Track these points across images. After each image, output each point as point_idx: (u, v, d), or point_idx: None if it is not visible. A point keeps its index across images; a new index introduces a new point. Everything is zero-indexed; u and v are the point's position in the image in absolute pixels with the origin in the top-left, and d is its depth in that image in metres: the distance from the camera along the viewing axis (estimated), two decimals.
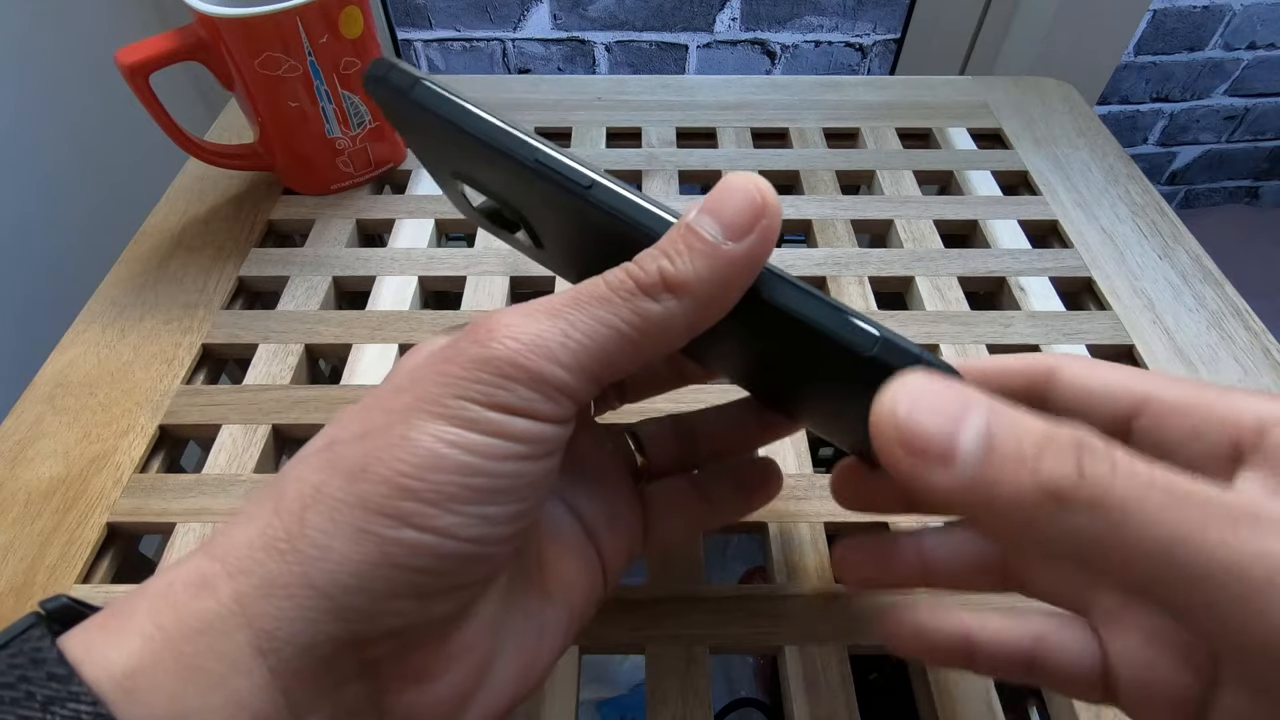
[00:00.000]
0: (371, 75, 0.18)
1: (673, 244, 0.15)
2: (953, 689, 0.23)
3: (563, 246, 0.20)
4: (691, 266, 0.15)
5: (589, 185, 0.16)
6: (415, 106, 0.17)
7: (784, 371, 0.18)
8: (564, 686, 0.23)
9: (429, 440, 0.14)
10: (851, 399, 0.16)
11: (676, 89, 0.50)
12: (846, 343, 0.15)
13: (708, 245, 0.15)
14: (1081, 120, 0.48)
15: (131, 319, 0.35)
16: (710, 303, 0.15)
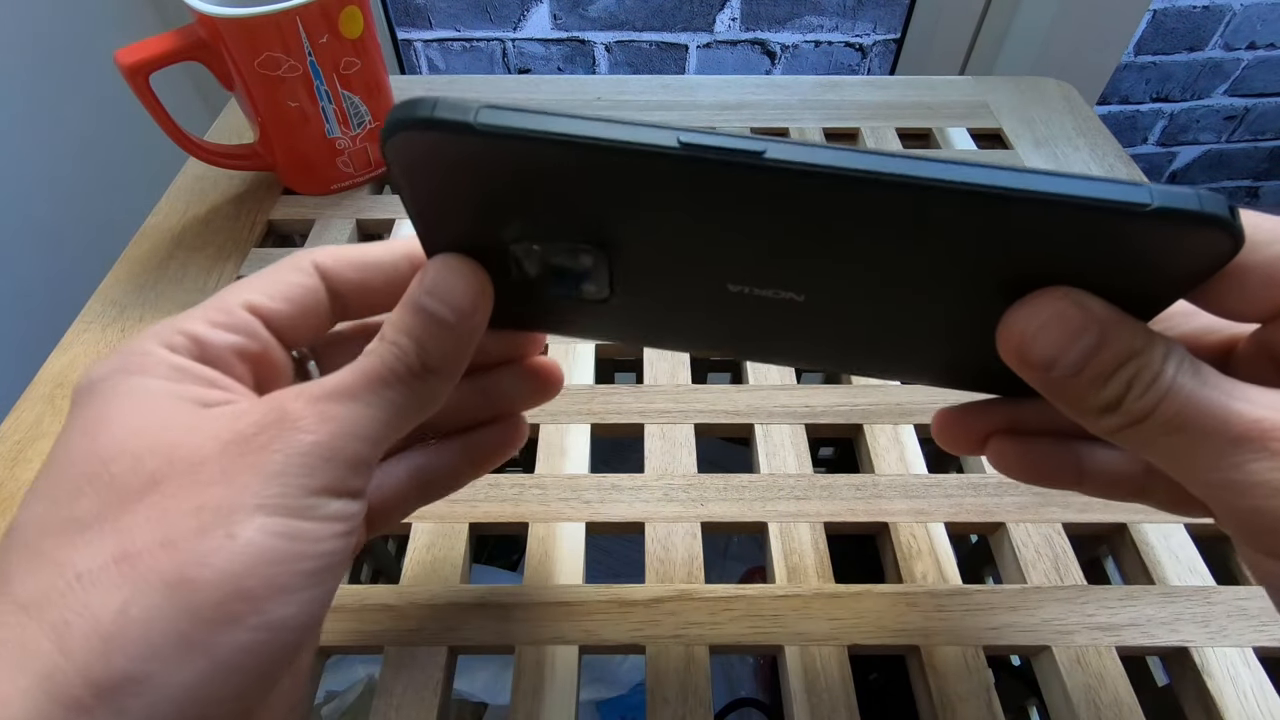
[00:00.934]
0: (401, 120, 0.14)
1: (417, 331, 0.16)
2: (953, 689, 0.23)
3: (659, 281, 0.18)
4: (440, 351, 0.17)
5: (762, 150, 0.13)
6: (480, 143, 0.14)
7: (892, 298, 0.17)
8: (564, 686, 0.23)
9: (258, 535, 0.14)
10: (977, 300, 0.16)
11: (676, 89, 0.50)
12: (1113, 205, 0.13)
13: (446, 329, 0.16)
14: (1081, 120, 0.48)
15: (131, 319, 0.35)
16: (458, 371, 0.17)
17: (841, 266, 0.16)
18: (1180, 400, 0.14)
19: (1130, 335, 0.14)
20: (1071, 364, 0.15)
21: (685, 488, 0.28)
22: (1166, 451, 0.15)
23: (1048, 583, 0.26)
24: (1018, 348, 0.15)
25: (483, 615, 0.25)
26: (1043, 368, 0.15)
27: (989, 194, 0.13)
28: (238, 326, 0.17)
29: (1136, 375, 0.14)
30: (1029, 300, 0.15)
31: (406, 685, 0.23)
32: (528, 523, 0.27)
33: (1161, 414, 0.14)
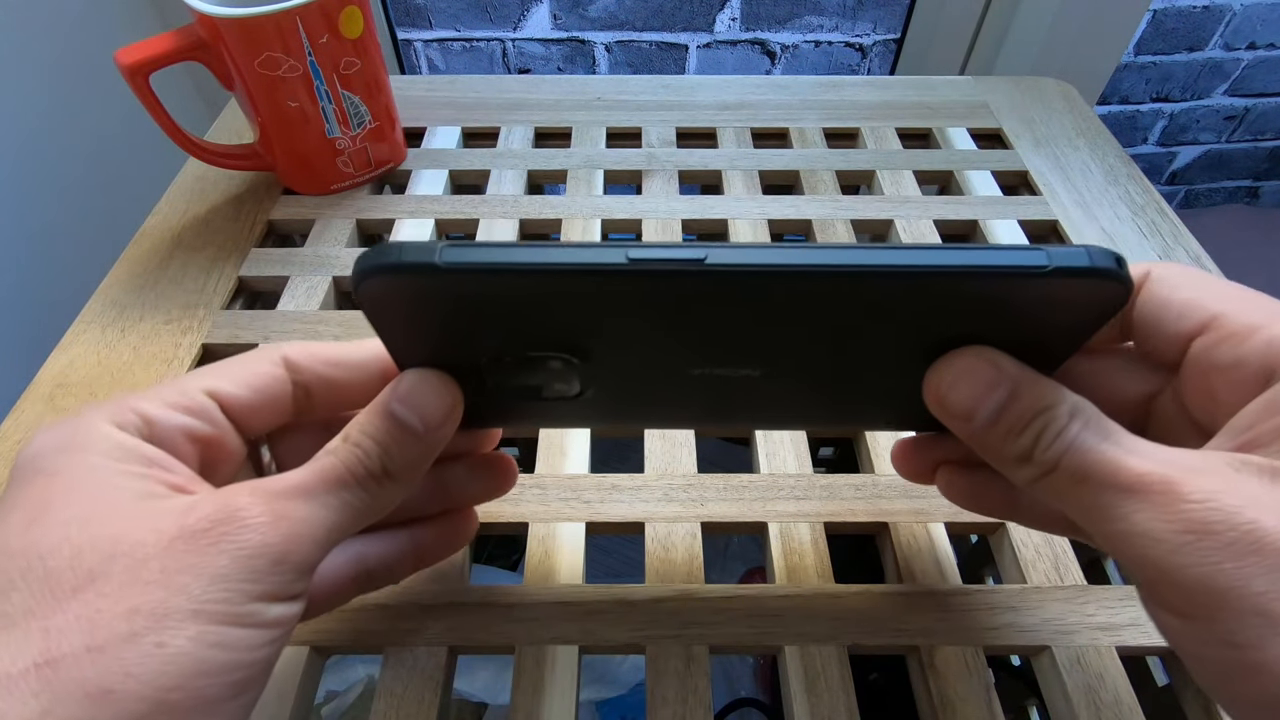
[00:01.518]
0: (372, 267, 0.15)
1: (384, 436, 0.17)
2: (953, 689, 0.23)
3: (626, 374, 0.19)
4: (403, 458, 0.17)
5: (702, 257, 0.15)
6: (446, 279, 0.15)
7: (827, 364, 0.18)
8: (564, 686, 0.23)
9: (190, 646, 0.13)
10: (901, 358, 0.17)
11: (676, 89, 0.50)
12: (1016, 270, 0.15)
13: (413, 438, 0.17)
14: (1081, 120, 0.48)
15: (131, 319, 0.35)
16: (416, 479, 0.18)
17: (788, 345, 0.17)
18: (1081, 453, 0.15)
19: (1040, 391, 0.16)
20: (987, 415, 0.16)
21: (685, 488, 0.28)
22: (1075, 504, 0.15)
23: (1048, 583, 0.26)
24: (938, 401, 0.17)
25: (483, 615, 0.25)
26: (962, 418, 0.16)
27: (906, 274, 0.15)
28: (193, 409, 0.17)
29: (1044, 428, 0.15)
30: (948, 357, 0.17)
31: (406, 685, 0.23)
32: (528, 523, 0.27)
33: (1065, 466, 0.15)
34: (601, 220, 0.40)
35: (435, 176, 0.43)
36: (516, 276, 0.15)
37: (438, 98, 0.49)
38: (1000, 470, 0.17)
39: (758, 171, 0.43)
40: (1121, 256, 0.15)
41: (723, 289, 0.15)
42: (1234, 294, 0.17)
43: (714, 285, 0.15)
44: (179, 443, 0.17)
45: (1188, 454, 0.15)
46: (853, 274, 0.15)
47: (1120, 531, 0.14)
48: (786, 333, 0.17)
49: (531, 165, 0.44)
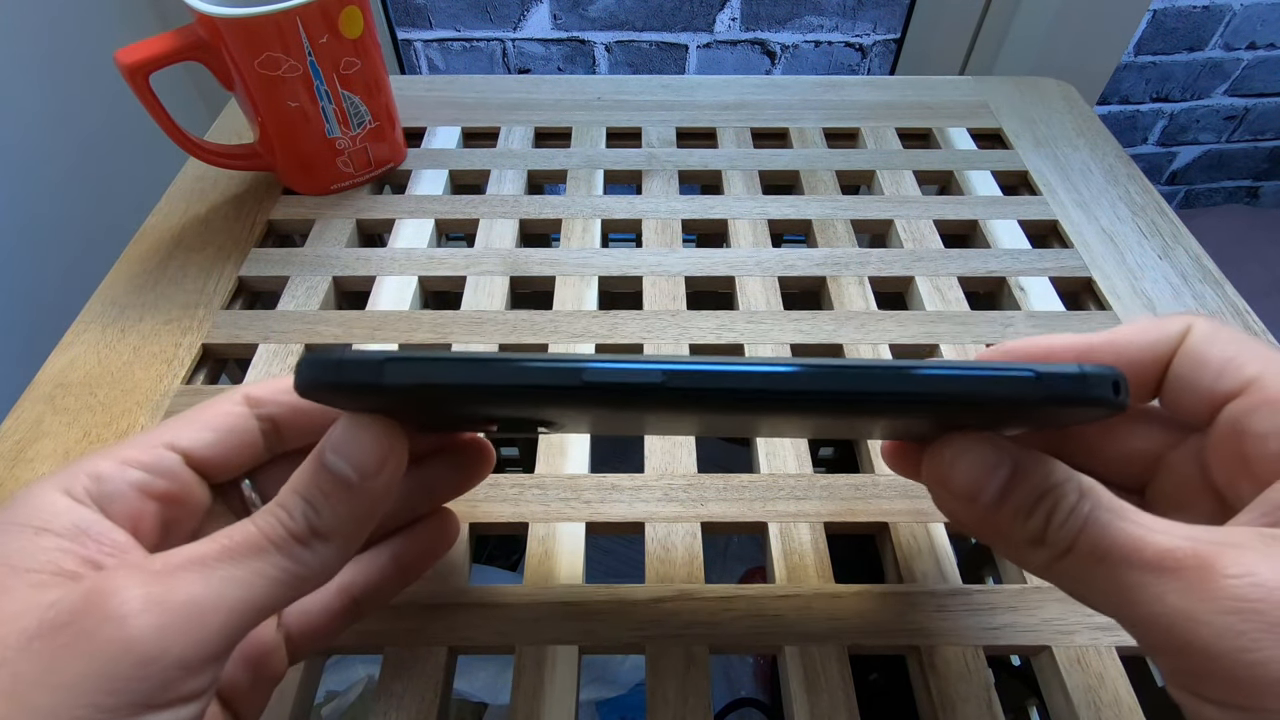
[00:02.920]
0: (312, 381, 0.14)
1: (312, 490, 0.15)
2: (953, 689, 0.23)
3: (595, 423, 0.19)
4: (335, 514, 0.15)
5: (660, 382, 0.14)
6: (390, 395, 0.14)
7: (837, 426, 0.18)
8: (564, 686, 0.23)
9: None
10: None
11: (676, 89, 0.50)
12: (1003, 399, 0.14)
13: (346, 489, 0.15)
14: (1081, 120, 0.48)
15: (131, 319, 0.35)
16: (359, 535, 0.16)
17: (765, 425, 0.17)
18: (1098, 529, 0.14)
19: (1045, 469, 0.15)
20: (993, 495, 0.15)
21: (685, 488, 0.28)
22: (1097, 587, 0.15)
23: (1047, 583, 0.26)
24: (940, 481, 0.16)
25: (483, 615, 0.25)
26: (966, 498, 0.16)
27: (875, 399, 0.14)
28: (148, 464, 0.16)
29: (1055, 507, 0.15)
30: (948, 439, 0.16)
31: (406, 685, 0.23)
32: (528, 523, 0.27)
33: (1082, 545, 0.14)
34: (601, 220, 0.40)
35: (435, 176, 0.43)
36: (464, 390, 0.14)
37: (438, 98, 0.49)
38: (1013, 561, 0.16)
39: (758, 171, 0.43)
40: (1121, 379, 0.14)
41: (686, 402, 0.14)
42: (1276, 357, 0.16)
43: (676, 400, 0.14)
44: (131, 500, 0.16)
45: (1211, 530, 0.14)
46: (816, 397, 0.14)
47: (1153, 615, 0.13)
48: (759, 421, 0.16)
49: (531, 165, 0.44)
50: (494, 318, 0.35)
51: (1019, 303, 0.36)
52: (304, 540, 0.15)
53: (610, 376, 0.14)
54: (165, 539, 0.17)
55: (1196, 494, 0.17)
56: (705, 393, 0.14)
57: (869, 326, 0.34)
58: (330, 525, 0.15)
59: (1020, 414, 0.15)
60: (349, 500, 0.15)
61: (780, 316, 0.35)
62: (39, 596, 0.13)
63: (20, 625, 0.13)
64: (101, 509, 0.16)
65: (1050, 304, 0.36)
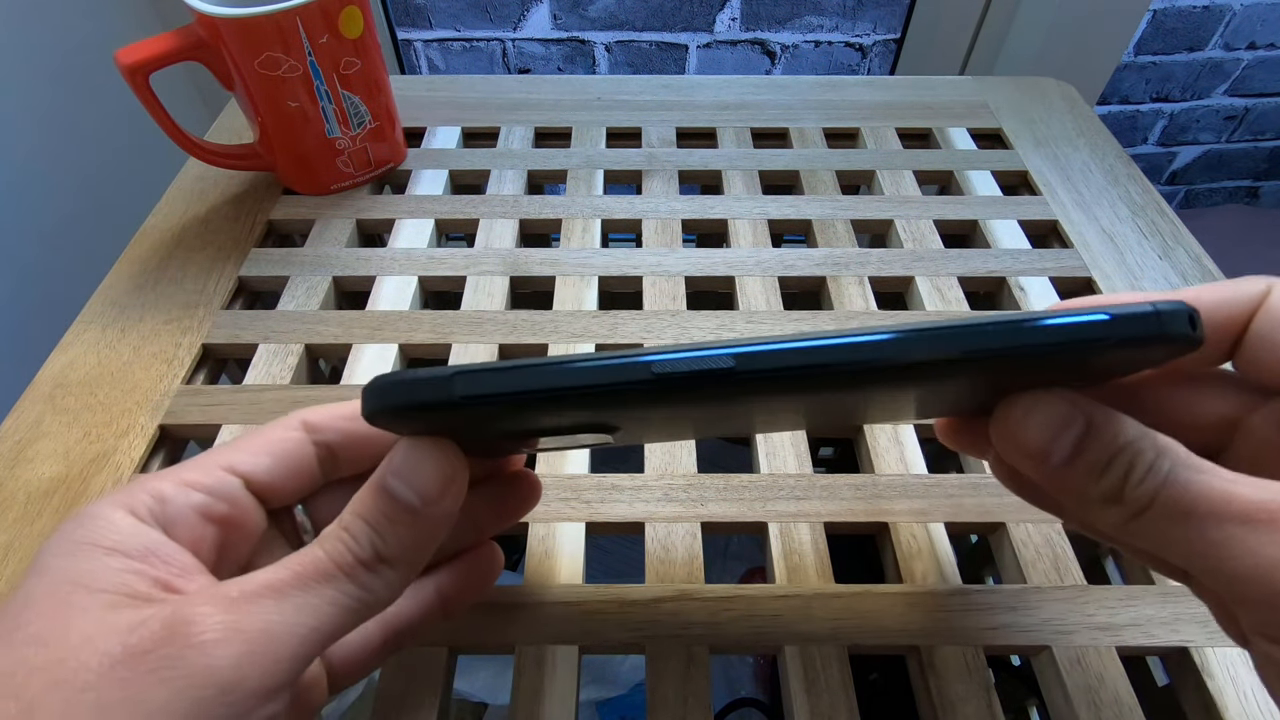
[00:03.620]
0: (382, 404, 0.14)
1: (376, 516, 0.15)
2: (953, 689, 0.23)
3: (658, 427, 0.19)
4: (398, 540, 0.15)
5: (731, 367, 0.14)
6: (461, 411, 0.14)
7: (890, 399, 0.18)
8: (564, 686, 0.23)
9: None
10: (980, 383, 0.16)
11: (676, 89, 0.50)
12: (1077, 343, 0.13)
13: (410, 515, 0.15)
14: (1081, 120, 0.48)
15: (131, 319, 0.35)
16: (420, 561, 0.16)
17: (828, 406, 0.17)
18: (1180, 486, 0.14)
19: (1120, 426, 0.15)
20: (1065, 451, 0.15)
21: (685, 488, 0.28)
22: (1178, 544, 0.14)
23: (1048, 583, 0.26)
24: (1012, 438, 0.15)
25: (483, 615, 0.25)
26: (1039, 457, 0.15)
27: (949, 361, 0.13)
28: (209, 487, 0.16)
29: (1133, 463, 0.14)
30: (1017, 397, 0.15)
31: (406, 685, 0.23)
32: (528, 523, 0.27)
33: (1163, 502, 0.14)
34: (601, 220, 0.40)
35: (435, 176, 0.43)
36: (535, 397, 0.14)
37: (438, 98, 0.49)
38: (1081, 518, 0.16)
39: (758, 171, 0.43)
40: (1195, 314, 0.13)
41: (757, 386, 0.14)
42: None
43: (747, 385, 0.14)
44: (193, 523, 0.16)
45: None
46: (888, 365, 0.14)
47: (1247, 568, 0.13)
48: (826, 401, 0.16)
49: (531, 165, 0.44)
50: (494, 318, 0.35)
51: (1019, 303, 0.36)
52: (371, 566, 0.15)
53: (681, 367, 0.14)
54: (220, 563, 0.17)
55: (1277, 462, 0.16)
56: (779, 374, 0.14)
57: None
58: (394, 551, 0.15)
59: (1094, 362, 0.14)
60: (412, 526, 0.15)
61: (780, 316, 0.35)
62: (115, 618, 0.13)
63: (100, 648, 0.13)
64: (164, 530, 0.16)
65: (1050, 304, 0.36)
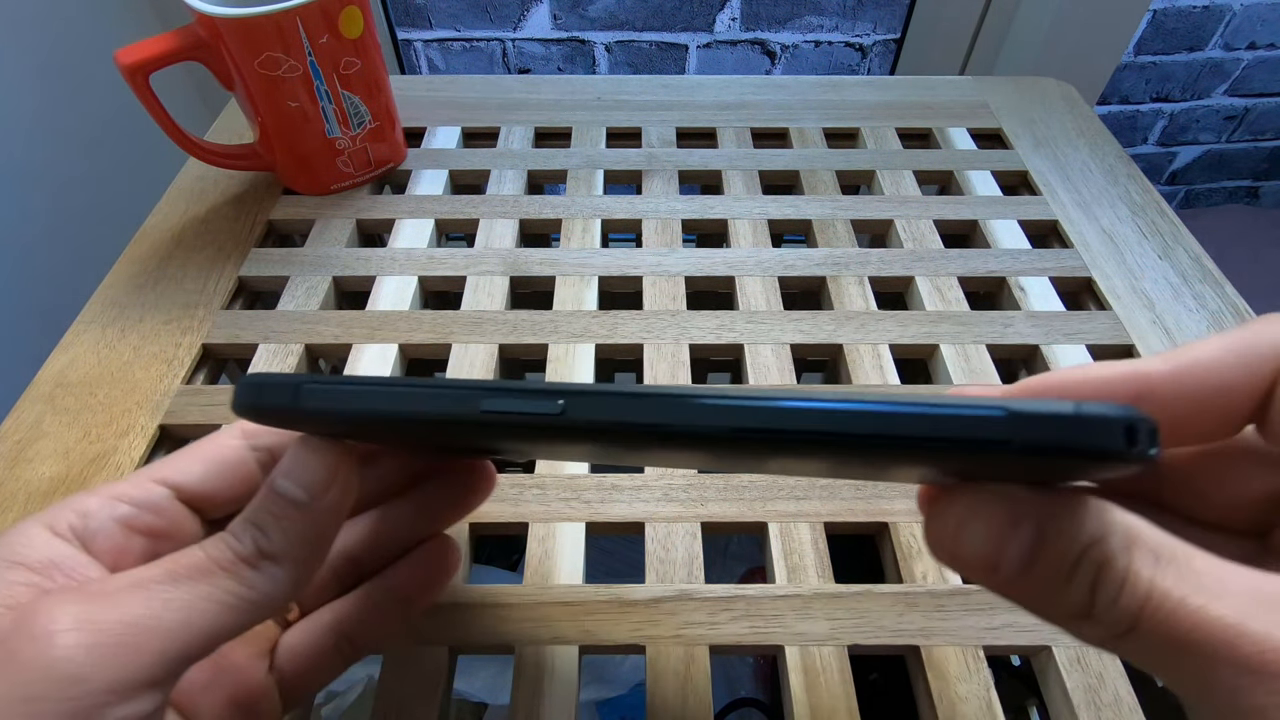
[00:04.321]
0: (241, 402, 0.15)
1: (261, 514, 0.15)
2: (953, 689, 0.23)
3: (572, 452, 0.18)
4: (284, 536, 0.15)
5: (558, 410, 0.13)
6: (309, 414, 0.14)
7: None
8: (564, 686, 0.23)
9: None
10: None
11: (676, 89, 0.50)
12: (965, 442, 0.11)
13: (295, 509, 0.15)
14: (1081, 120, 0.48)
15: (131, 319, 0.35)
16: (312, 558, 0.16)
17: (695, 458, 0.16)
18: (1169, 610, 0.11)
19: (1077, 519, 0.12)
20: (1016, 561, 0.12)
21: (685, 488, 0.28)
22: (1180, 681, 0.11)
23: None
24: (949, 552, 0.13)
25: (483, 615, 0.25)
26: (986, 570, 0.12)
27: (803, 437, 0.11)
28: (136, 499, 0.16)
29: (1100, 573, 0.11)
30: (944, 498, 0.13)
31: (406, 685, 0.23)
32: (528, 523, 0.27)
33: (1149, 628, 0.11)
34: (601, 220, 0.40)
35: (435, 176, 0.43)
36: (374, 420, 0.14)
37: (438, 98, 0.49)
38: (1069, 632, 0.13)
39: (758, 171, 0.43)
40: (1140, 423, 0.10)
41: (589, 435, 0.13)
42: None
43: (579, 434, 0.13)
44: (116, 535, 0.16)
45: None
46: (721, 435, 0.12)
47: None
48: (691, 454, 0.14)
49: (531, 165, 0.44)
50: (494, 318, 0.35)
51: (1019, 303, 0.36)
52: (253, 563, 0.15)
53: (508, 406, 0.13)
54: None
55: None
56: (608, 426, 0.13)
57: (869, 326, 0.34)
58: (280, 547, 0.15)
59: (1009, 465, 0.12)
60: (299, 521, 0.15)
61: (780, 316, 0.35)
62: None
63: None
64: (84, 544, 0.15)
65: (1050, 304, 0.36)
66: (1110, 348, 0.34)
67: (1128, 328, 0.34)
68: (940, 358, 0.33)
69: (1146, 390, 0.13)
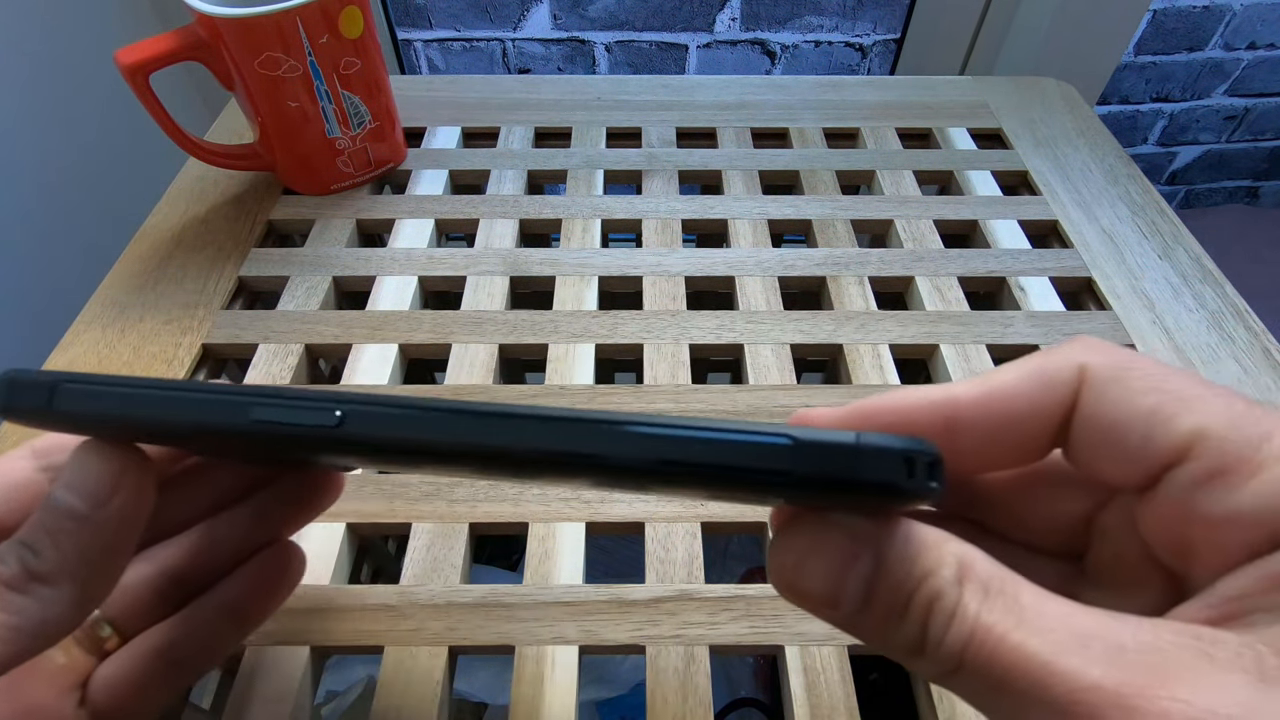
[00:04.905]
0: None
1: (33, 530, 0.14)
2: None
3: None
4: (59, 553, 0.14)
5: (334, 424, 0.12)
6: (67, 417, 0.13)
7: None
8: (564, 686, 0.23)
9: None
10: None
11: (676, 89, 0.50)
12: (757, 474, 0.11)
13: (73, 522, 0.14)
14: (1081, 120, 0.48)
15: (131, 319, 0.35)
16: (98, 575, 0.14)
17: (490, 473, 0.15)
18: (990, 646, 0.10)
19: (912, 551, 0.11)
20: (855, 597, 0.12)
21: None
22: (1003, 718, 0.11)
23: None
24: (790, 586, 0.12)
25: (483, 615, 0.25)
26: (828, 605, 0.12)
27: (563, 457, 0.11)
28: None
29: (930, 608, 0.11)
30: (785, 531, 0.13)
31: (406, 685, 0.23)
32: (528, 523, 0.27)
33: (971, 665, 0.11)
34: (601, 220, 0.40)
35: (435, 176, 0.43)
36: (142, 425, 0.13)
37: (438, 98, 0.49)
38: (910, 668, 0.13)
39: (758, 171, 0.43)
40: (920, 456, 0.10)
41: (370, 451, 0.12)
42: (1207, 399, 0.12)
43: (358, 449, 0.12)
44: None
45: (1143, 633, 0.10)
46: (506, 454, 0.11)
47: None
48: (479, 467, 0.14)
49: (531, 165, 0.44)
50: (494, 318, 0.35)
51: (1019, 303, 0.36)
52: (17, 586, 0.13)
53: (280, 417, 0.12)
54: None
55: (1140, 568, 0.13)
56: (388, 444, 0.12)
57: (869, 326, 0.34)
58: (52, 566, 0.14)
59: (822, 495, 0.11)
60: (78, 535, 0.14)
61: (780, 316, 0.35)
62: None
63: None
64: None
65: (1050, 304, 0.36)
66: None
67: (1128, 328, 0.34)
68: (940, 358, 0.33)
69: (954, 415, 0.13)
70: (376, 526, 0.28)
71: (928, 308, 0.35)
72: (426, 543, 0.27)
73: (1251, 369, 0.33)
